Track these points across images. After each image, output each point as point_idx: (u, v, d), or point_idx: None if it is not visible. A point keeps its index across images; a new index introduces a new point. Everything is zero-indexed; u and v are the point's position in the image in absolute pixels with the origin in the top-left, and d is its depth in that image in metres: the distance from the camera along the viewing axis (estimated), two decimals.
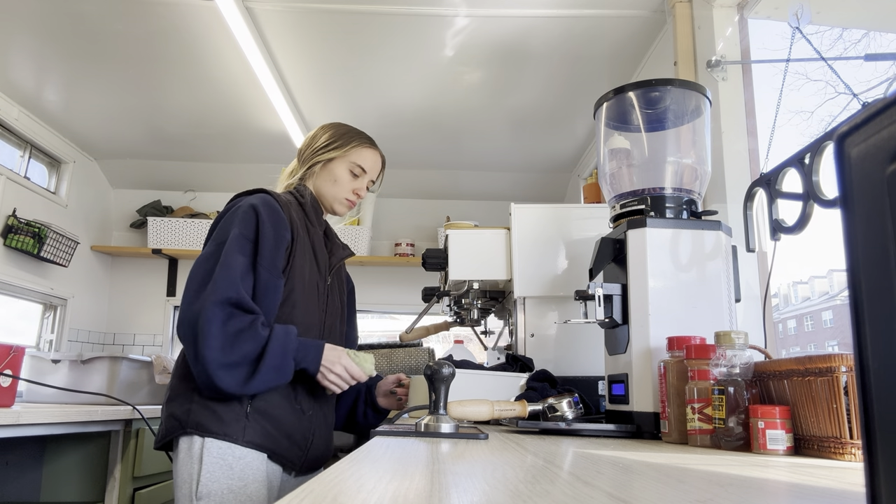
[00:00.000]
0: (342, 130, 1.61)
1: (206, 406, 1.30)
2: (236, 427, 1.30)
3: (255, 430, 1.32)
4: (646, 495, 0.53)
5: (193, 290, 1.28)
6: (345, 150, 1.57)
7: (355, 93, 2.96)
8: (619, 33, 2.43)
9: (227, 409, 1.31)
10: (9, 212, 3.07)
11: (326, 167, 1.57)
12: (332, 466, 0.65)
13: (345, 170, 1.57)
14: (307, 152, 1.60)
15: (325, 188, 1.57)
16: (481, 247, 1.91)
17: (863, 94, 1.41)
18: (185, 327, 1.26)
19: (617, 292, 1.29)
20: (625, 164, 1.47)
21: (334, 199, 1.58)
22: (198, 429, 1.29)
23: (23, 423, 1.75)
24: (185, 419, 1.30)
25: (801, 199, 1.33)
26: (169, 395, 1.37)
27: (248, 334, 1.26)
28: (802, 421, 0.93)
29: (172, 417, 1.32)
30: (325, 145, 1.57)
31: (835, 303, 24.90)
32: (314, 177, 1.57)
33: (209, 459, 1.27)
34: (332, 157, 1.57)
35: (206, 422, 1.29)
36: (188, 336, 1.25)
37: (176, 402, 1.33)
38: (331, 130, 1.60)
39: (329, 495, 0.48)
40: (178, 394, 1.34)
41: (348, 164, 1.58)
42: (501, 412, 1.34)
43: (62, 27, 2.48)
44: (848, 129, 0.30)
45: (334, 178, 1.57)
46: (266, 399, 1.35)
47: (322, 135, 1.60)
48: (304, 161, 1.59)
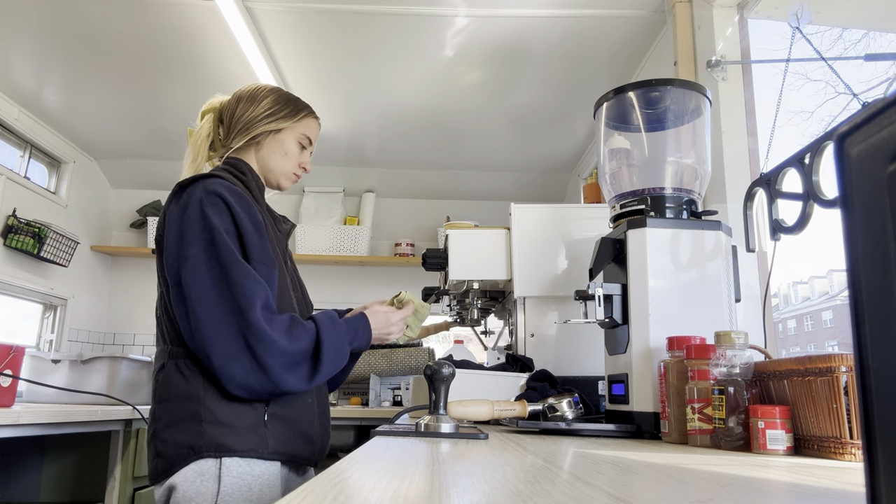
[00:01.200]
0: (287, 96, 1.42)
1: (221, 423, 1.16)
2: (256, 439, 1.18)
3: (276, 438, 1.21)
4: (646, 495, 0.53)
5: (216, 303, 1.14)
6: (295, 119, 1.40)
7: (355, 93, 2.96)
8: (619, 33, 2.43)
9: (244, 421, 1.18)
10: (9, 212, 3.07)
11: (275, 138, 1.39)
12: (332, 466, 0.65)
13: (294, 142, 1.41)
14: (245, 119, 1.37)
15: (273, 161, 1.39)
16: (481, 247, 1.91)
17: (863, 94, 1.41)
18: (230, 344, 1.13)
19: (617, 292, 1.29)
20: (625, 164, 1.47)
21: (282, 173, 1.41)
22: (217, 450, 1.14)
23: (23, 423, 1.75)
24: (198, 443, 1.14)
25: (801, 199, 1.33)
26: (163, 420, 1.18)
27: (299, 331, 1.18)
28: (802, 421, 0.93)
29: (179, 445, 1.15)
30: (271, 113, 1.37)
31: (835, 303, 24.90)
32: (259, 148, 1.38)
33: (229, 481, 1.14)
34: (280, 128, 1.38)
35: (226, 440, 1.15)
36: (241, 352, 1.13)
37: (179, 427, 1.16)
38: (272, 95, 1.40)
39: (329, 495, 0.48)
40: (178, 417, 1.17)
41: (298, 135, 1.41)
42: (501, 412, 1.34)
43: (62, 27, 2.48)
44: (848, 129, 0.30)
45: (285, 150, 1.39)
46: (281, 400, 1.24)
47: (263, 99, 1.39)
48: (241, 130, 1.37)
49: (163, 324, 1.25)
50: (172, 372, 1.20)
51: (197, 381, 1.18)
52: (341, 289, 4.03)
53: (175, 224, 1.21)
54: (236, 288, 1.14)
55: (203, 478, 1.14)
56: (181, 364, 1.20)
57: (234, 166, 1.36)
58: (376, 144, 3.58)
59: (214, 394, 1.17)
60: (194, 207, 1.20)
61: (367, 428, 2.97)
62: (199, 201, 1.20)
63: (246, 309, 1.13)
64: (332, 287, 4.01)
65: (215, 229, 1.18)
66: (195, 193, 1.21)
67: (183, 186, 1.24)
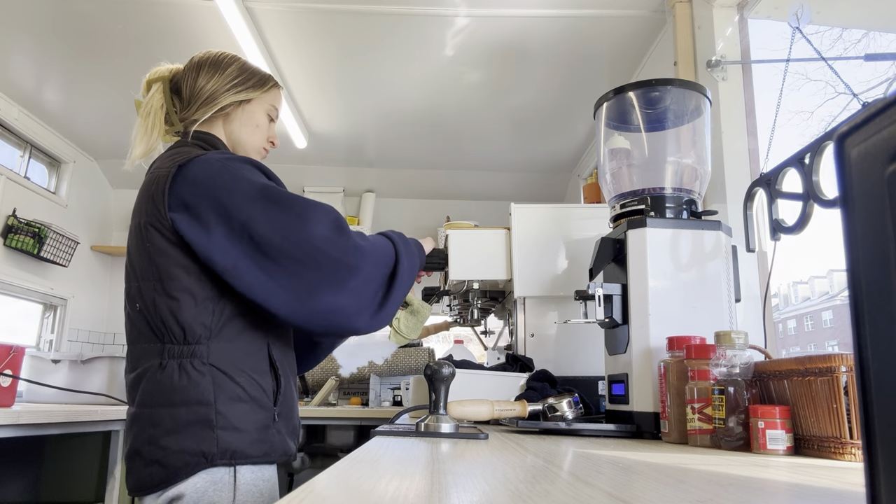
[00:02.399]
0: (251, 66, 1.31)
1: (235, 427, 1.07)
2: (267, 442, 1.11)
3: (281, 438, 1.15)
4: (646, 495, 0.53)
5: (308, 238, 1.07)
6: (264, 89, 1.29)
7: (355, 93, 2.96)
8: (619, 33, 2.43)
9: (256, 423, 1.10)
10: (9, 212, 3.07)
11: (245, 109, 1.27)
12: (332, 466, 0.65)
13: (263, 113, 1.30)
14: (210, 88, 1.24)
15: (244, 134, 1.28)
16: (481, 247, 1.91)
17: (863, 94, 1.41)
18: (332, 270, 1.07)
19: (617, 292, 1.29)
20: (625, 164, 1.47)
21: (253, 147, 1.30)
22: (232, 458, 1.06)
23: (23, 423, 1.75)
24: (211, 450, 1.05)
25: (801, 199, 1.33)
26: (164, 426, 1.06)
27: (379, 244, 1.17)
28: (802, 421, 0.93)
29: (186, 453, 1.04)
30: (239, 81, 1.26)
31: (835, 303, 24.90)
32: (228, 121, 1.27)
33: (245, 489, 1.08)
34: (250, 98, 1.27)
35: (240, 446, 1.07)
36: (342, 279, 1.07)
37: (186, 434, 1.05)
38: (237, 63, 1.29)
39: (329, 495, 0.48)
40: (186, 423, 1.05)
41: (267, 106, 1.31)
42: (501, 412, 1.34)
43: (62, 27, 2.48)
44: (848, 129, 0.30)
45: (255, 122, 1.28)
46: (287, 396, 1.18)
47: (227, 67, 1.27)
48: (206, 101, 1.24)
49: (156, 321, 1.10)
50: (176, 373, 1.08)
51: (206, 384, 1.08)
52: None
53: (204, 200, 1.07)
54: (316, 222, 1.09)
55: (216, 487, 1.06)
56: (188, 364, 1.08)
57: (206, 141, 1.22)
58: (376, 144, 3.58)
59: (226, 396, 1.08)
60: (222, 174, 1.08)
61: (367, 428, 2.97)
62: (223, 167, 1.09)
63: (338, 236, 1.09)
64: None
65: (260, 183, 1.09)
66: (212, 163, 1.10)
67: (182, 165, 1.10)
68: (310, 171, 3.89)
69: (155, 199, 1.10)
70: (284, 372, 1.19)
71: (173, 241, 1.09)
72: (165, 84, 1.27)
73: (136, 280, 1.13)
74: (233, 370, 1.10)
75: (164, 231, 1.09)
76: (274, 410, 1.14)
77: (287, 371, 1.21)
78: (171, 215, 1.08)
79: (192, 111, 1.24)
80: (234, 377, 1.09)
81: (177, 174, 1.09)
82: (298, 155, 3.62)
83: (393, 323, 1.46)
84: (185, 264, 1.09)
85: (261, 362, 1.14)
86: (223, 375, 1.09)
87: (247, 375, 1.11)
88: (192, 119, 1.24)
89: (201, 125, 1.24)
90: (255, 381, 1.12)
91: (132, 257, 1.15)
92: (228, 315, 1.11)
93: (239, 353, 1.11)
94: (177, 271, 1.09)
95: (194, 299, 1.09)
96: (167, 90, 1.27)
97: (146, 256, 1.11)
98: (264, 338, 1.16)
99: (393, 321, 1.46)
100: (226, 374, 1.09)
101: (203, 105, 1.24)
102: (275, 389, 1.15)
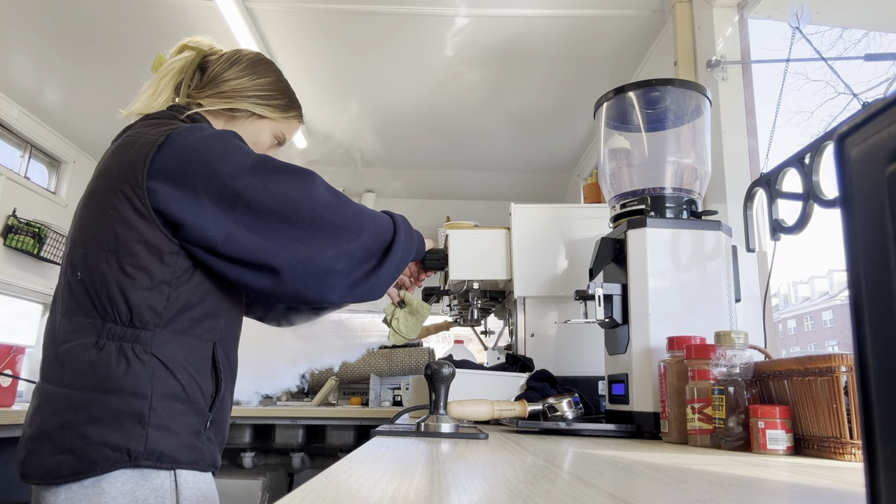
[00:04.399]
0: (287, 87, 1.29)
1: (167, 427, 0.97)
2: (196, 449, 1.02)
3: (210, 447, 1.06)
4: (646, 495, 0.53)
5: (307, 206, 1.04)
6: (284, 115, 1.27)
7: (355, 93, 2.96)
8: (619, 33, 2.43)
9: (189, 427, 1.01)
10: (9, 212, 3.07)
11: (254, 122, 1.23)
12: (332, 466, 0.65)
13: (270, 135, 1.26)
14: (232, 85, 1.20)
15: None
16: (481, 247, 1.91)
17: (863, 94, 1.41)
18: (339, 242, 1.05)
19: (617, 292, 1.29)
20: (625, 164, 1.47)
21: None
22: (159, 460, 0.96)
23: (23, 423, 1.74)
24: (136, 448, 0.94)
25: (801, 199, 1.33)
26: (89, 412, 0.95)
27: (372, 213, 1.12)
28: (802, 421, 0.93)
29: (108, 446, 0.93)
30: (264, 95, 1.23)
31: (835, 303, 24.90)
32: (232, 122, 1.21)
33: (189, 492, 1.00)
34: (265, 115, 1.24)
35: (168, 448, 0.97)
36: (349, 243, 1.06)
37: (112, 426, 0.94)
38: (274, 77, 1.26)
39: (329, 495, 0.48)
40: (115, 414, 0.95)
41: (277, 131, 1.27)
42: (501, 412, 1.34)
43: (62, 27, 2.48)
44: (848, 129, 0.30)
45: (256, 139, 1.24)
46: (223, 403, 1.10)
47: (262, 76, 1.24)
48: (222, 93, 1.20)
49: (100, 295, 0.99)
50: (113, 356, 0.97)
51: (145, 375, 0.97)
52: None
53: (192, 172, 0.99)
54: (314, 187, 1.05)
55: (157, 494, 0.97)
56: (129, 349, 0.97)
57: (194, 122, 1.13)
58: (376, 144, 3.58)
59: (163, 391, 0.98)
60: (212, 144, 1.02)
61: (367, 428, 2.97)
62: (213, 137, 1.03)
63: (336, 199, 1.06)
64: None
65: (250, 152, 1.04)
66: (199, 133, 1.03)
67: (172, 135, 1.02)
68: None
69: (133, 165, 1.00)
70: (226, 377, 1.11)
71: (143, 213, 0.99)
72: (198, 57, 1.22)
73: (81, 246, 1.02)
74: (174, 365, 1.00)
75: (134, 201, 0.99)
76: (208, 416, 1.05)
77: (228, 376, 1.13)
78: (149, 184, 0.99)
79: (204, 95, 1.19)
80: (174, 372, 1.00)
81: (164, 143, 1.01)
82: (298, 155, 3.62)
83: (392, 323, 1.46)
84: (149, 241, 0.99)
85: (204, 362, 1.06)
86: (164, 369, 0.99)
87: (188, 373, 1.02)
88: (198, 101, 1.18)
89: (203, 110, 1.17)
90: (194, 381, 1.03)
91: (83, 221, 1.04)
92: (181, 306, 1.03)
93: (184, 348, 1.02)
94: (138, 247, 0.99)
95: (151, 280, 1.00)
96: (195, 62, 1.21)
97: (105, 223, 1.01)
98: (212, 337, 1.07)
99: (392, 321, 1.46)
100: (167, 368, 0.99)
101: (217, 95, 1.19)
102: (213, 393, 1.07)
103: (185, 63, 1.20)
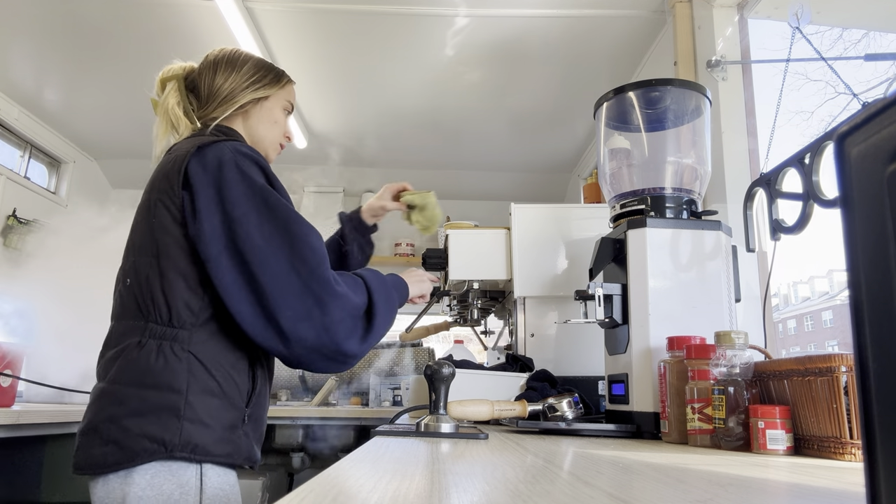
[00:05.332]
0: (266, 62, 1.33)
1: (201, 421, 1.03)
2: (232, 443, 1.07)
3: (247, 442, 1.11)
4: (646, 495, 0.53)
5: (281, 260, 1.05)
6: (280, 85, 1.32)
7: (355, 93, 2.96)
8: (619, 33, 2.43)
9: (224, 422, 1.07)
10: (9, 212, 3.07)
11: (263, 106, 1.30)
12: (332, 466, 0.65)
13: (281, 109, 1.33)
14: (228, 87, 1.26)
15: (263, 130, 1.30)
16: (481, 247, 1.91)
17: (863, 94, 1.41)
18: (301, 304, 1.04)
19: (617, 292, 1.29)
20: (625, 164, 1.47)
21: (271, 143, 1.32)
22: (192, 451, 1.02)
23: (23, 423, 1.74)
24: (172, 440, 1.01)
25: (801, 199, 1.33)
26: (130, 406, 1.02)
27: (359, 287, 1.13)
28: (802, 421, 0.93)
29: (146, 438, 1.00)
30: (256, 79, 1.29)
31: (835, 303, 24.89)
32: (247, 117, 1.29)
33: (211, 492, 1.04)
34: (267, 95, 1.29)
35: (202, 440, 1.03)
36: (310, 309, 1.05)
37: (150, 419, 1.01)
38: (252, 60, 1.31)
39: (329, 495, 0.48)
40: (153, 407, 1.02)
41: (283, 101, 1.33)
42: (501, 412, 1.34)
43: (62, 27, 2.48)
44: (848, 129, 0.30)
45: (273, 118, 1.31)
46: (260, 399, 1.16)
47: (244, 65, 1.29)
48: (225, 98, 1.26)
49: (145, 297, 1.07)
50: (153, 354, 1.04)
51: (181, 371, 1.04)
52: None
53: (207, 186, 1.07)
54: (302, 244, 1.07)
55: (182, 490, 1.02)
56: (167, 348, 1.05)
57: (228, 136, 1.22)
58: (376, 144, 3.58)
59: (198, 387, 1.04)
60: (230, 166, 1.08)
61: (367, 428, 2.97)
62: (233, 161, 1.09)
63: (316, 266, 1.06)
64: None
65: (263, 186, 1.08)
66: (225, 153, 1.09)
67: (202, 147, 1.10)
68: (310, 171, 3.89)
69: (169, 176, 1.10)
70: (262, 374, 1.16)
71: (178, 219, 1.08)
72: (180, 82, 1.28)
73: (132, 255, 1.12)
74: (211, 362, 1.06)
75: (171, 208, 1.08)
76: (245, 411, 1.11)
77: (265, 374, 1.18)
78: (183, 192, 1.08)
79: (212, 109, 1.26)
80: (210, 369, 1.06)
81: (195, 153, 1.09)
82: (298, 155, 3.62)
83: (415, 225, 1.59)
84: (185, 246, 1.07)
85: (240, 360, 1.11)
86: (200, 366, 1.05)
87: (224, 370, 1.08)
88: (211, 117, 1.25)
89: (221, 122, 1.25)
90: (231, 378, 1.08)
91: (132, 233, 1.14)
92: (218, 305, 1.08)
93: (220, 346, 1.08)
94: (176, 250, 1.07)
95: (186, 282, 1.07)
96: (182, 88, 1.28)
97: (149, 231, 1.10)
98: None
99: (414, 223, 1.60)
100: (203, 365, 1.05)
101: (222, 103, 1.26)
102: (249, 390, 1.12)
103: (175, 93, 1.27)
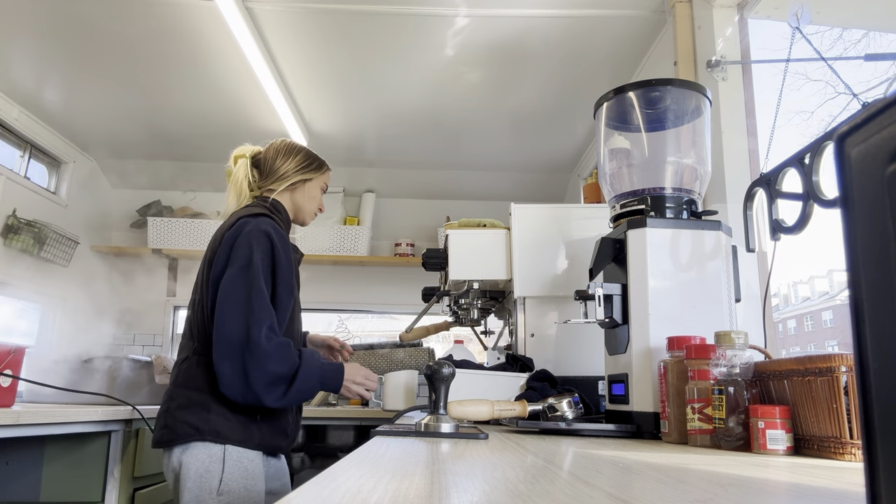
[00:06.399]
0: (312, 154, 1.77)
1: (224, 416, 1.47)
2: (247, 432, 1.49)
3: (262, 434, 1.52)
4: (646, 495, 0.53)
5: (234, 314, 1.42)
6: (321, 172, 1.77)
7: (355, 93, 2.96)
8: (619, 33, 2.43)
9: (242, 418, 1.49)
10: (9, 212, 3.07)
11: (306, 185, 1.74)
12: (332, 466, 0.65)
13: (318, 189, 1.77)
14: (283, 169, 1.71)
15: (304, 203, 1.75)
16: (481, 247, 1.91)
17: (863, 94, 1.41)
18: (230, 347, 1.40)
19: (617, 292, 1.29)
20: (625, 164, 1.47)
21: (309, 213, 1.78)
22: (217, 437, 1.45)
23: (23, 423, 1.74)
24: (203, 427, 1.45)
25: (801, 199, 1.33)
26: (179, 402, 1.49)
27: (286, 356, 1.43)
28: (802, 421, 0.93)
29: (187, 425, 1.45)
30: (305, 166, 1.73)
31: (835, 303, 24.87)
32: (294, 192, 1.73)
33: (231, 463, 1.46)
34: (311, 178, 1.74)
35: (226, 430, 1.47)
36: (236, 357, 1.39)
37: (191, 411, 1.47)
38: (304, 152, 1.76)
39: (329, 495, 0.48)
40: (193, 402, 1.47)
41: (321, 183, 1.78)
42: (501, 412, 1.34)
43: (62, 27, 2.47)
44: (848, 129, 0.30)
45: (312, 195, 1.76)
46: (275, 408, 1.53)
47: (297, 155, 1.74)
48: (280, 177, 1.71)
49: (195, 323, 1.53)
50: (195, 364, 1.51)
51: (211, 376, 1.45)
52: (341, 289, 4.03)
53: (227, 246, 1.50)
54: (252, 309, 1.42)
55: (211, 459, 1.45)
56: (202, 360, 1.49)
57: (275, 207, 1.68)
58: (376, 144, 3.58)
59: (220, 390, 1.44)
60: (245, 238, 1.49)
61: (367, 428, 2.97)
62: (249, 234, 1.50)
63: (253, 326, 1.40)
64: (332, 287, 4.00)
65: (254, 260, 1.46)
66: (249, 227, 1.51)
67: (239, 218, 1.54)
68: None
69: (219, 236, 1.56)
70: None
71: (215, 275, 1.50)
72: (248, 160, 1.73)
73: (196, 293, 1.58)
74: None
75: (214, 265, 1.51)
76: (259, 413, 1.51)
77: None
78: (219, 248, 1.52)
79: (269, 183, 1.71)
80: None
81: (234, 224, 1.54)
82: None
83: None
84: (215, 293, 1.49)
85: None
86: None
87: None
88: (268, 188, 1.71)
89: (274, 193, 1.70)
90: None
91: (199, 277, 1.58)
92: None
93: None
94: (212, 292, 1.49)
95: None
96: (250, 165, 1.72)
97: (203, 280, 1.54)
98: None
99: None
100: None
101: (278, 180, 1.71)
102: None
103: (244, 169, 1.72)
